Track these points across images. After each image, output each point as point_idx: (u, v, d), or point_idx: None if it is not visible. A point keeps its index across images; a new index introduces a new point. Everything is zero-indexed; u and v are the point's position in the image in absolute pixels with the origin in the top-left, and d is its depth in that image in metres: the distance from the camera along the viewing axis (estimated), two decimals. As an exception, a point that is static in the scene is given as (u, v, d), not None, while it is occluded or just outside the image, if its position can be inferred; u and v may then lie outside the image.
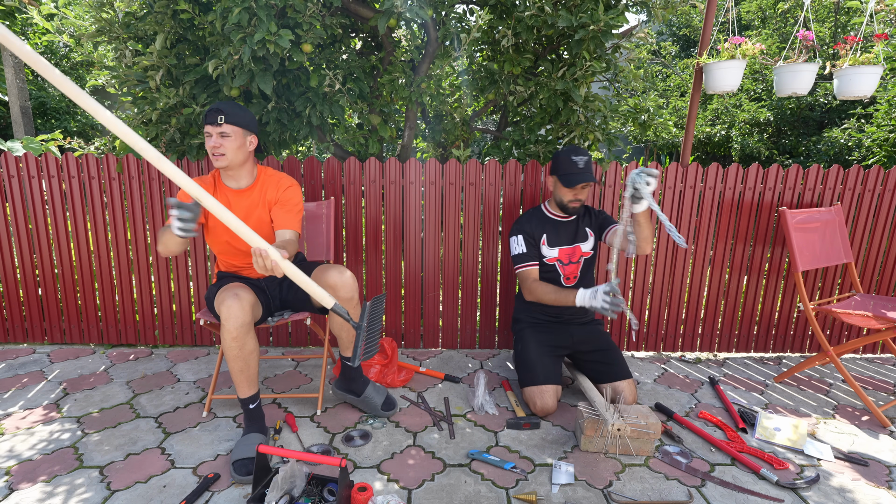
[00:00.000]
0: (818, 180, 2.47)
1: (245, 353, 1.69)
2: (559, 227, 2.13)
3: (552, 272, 2.12)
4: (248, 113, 1.80)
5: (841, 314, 2.12)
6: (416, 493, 1.57)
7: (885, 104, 5.20)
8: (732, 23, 3.83)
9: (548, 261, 2.11)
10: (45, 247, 2.47)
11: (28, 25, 7.29)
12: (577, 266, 2.13)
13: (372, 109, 2.52)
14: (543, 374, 2.00)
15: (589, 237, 2.14)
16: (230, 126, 1.76)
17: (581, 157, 1.99)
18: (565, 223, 2.13)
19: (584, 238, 2.14)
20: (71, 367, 2.35)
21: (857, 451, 1.85)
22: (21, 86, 4.92)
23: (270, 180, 1.91)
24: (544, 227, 2.12)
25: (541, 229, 2.12)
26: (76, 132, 7.94)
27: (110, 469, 1.65)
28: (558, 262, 2.11)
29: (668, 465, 1.74)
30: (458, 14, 2.36)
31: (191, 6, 2.07)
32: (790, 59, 2.27)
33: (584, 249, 2.13)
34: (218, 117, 1.74)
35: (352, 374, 1.99)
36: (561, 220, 2.13)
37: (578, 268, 2.13)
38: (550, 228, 2.12)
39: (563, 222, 2.13)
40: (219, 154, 1.77)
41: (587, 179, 1.97)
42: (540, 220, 2.13)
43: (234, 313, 1.66)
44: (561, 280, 2.12)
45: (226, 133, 1.76)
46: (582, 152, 2.00)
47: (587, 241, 2.14)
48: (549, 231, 2.12)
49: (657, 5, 2.40)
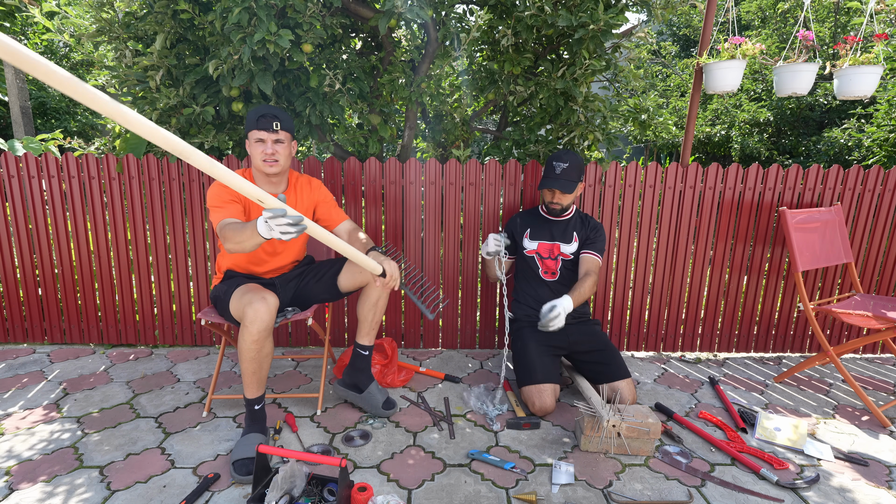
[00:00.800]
0: (818, 180, 2.47)
1: (262, 355, 1.69)
2: (547, 224, 2.22)
3: (531, 263, 2.22)
4: (291, 117, 1.82)
5: (841, 314, 2.12)
6: (416, 493, 1.57)
7: (885, 104, 5.20)
8: (732, 23, 3.84)
9: (527, 252, 2.22)
10: (45, 247, 2.47)
11: (28, 25, 7.29)
12: (556, 263, 2.19)
13: (372, 109, 2.52)
14: (542, 373, 2.00)
15: (573, 241, 2.19)
16: (284, 133, 1.76)
17: (561, 163, 2.06)
18: (555, 223, 2.21)
19: (568, 240, 2.20)
20: (71, 367, 2.35)
21: (857, 451, 1.85)
22: (21, 86, 4.92)
23: (300, 182, 1.95)
24: (531, 223, 2.24)
25: (526, 224, 2.24)
26: (76, 132, 7.94)
27: (110, 469, 1.65)
28: (537, 254, 2.20)
29: (668, 465, 1.74)
30: (458, 14, 2.36)
31: (191, 6, 2.07)
32: (790, 59, 2.27)
33: (564, 250, 2.19)
34: (273, 123, 1.73)
35: (359, 364, 2.00)
36: (552, 220, 2.22)
37: (557, 265, 2.19)
38: (537, 224, 2.23)
39: (553, 221, 2.22)
40: (272, 161, 1.76)
41: (551, 186, 2.06)
42: (530, 217, 2.26)
43: (260, 316, 1.64)
44: (539, 273, 2.21)
45: (281, 140, 1.76)
46: (566, 158, 2.06)
47: (570, 244, 2.19)
48: (534, 226, 2.23)
49: (657, 5, 2.40)
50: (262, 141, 1.75)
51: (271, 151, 1.75)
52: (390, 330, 2.62)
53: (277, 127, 1.74)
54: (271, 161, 1.77)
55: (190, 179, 2.40)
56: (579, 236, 2.19)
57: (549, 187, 2.07)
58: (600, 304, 2.61)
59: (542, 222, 2.23)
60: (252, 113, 1.76)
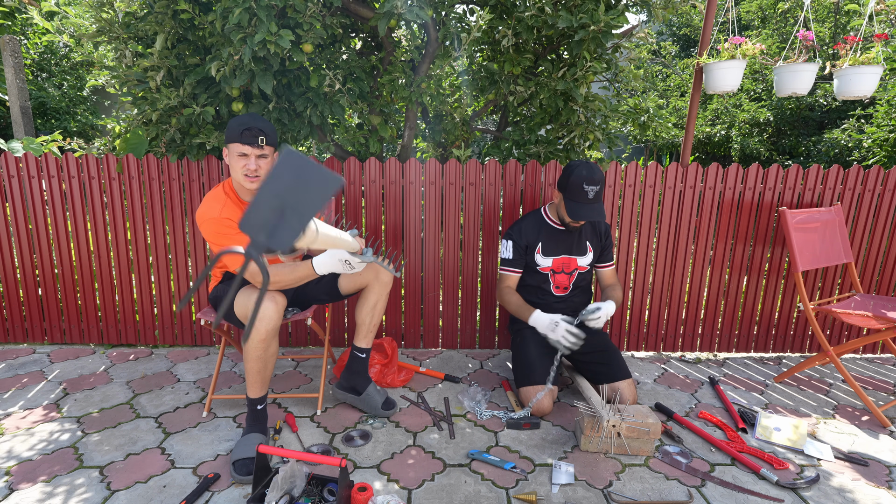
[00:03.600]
0: (818, 180, 2.47)
1: (267, 355, 1.69)
2: (558, 235, 2.06)
3: (543, 280, 2.09)
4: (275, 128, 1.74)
5: (841, 314, 2.12)
6: (416, 493, 1.57)
7: (885, 104, 5.20)
8: (732, 23, 3.84)
9: (540, 269, 2.07)
10: (45, 247, 2.47)
11: (28, 25, 7.28)
12: (570, 278, 2.10)
13: (372, 109, 2.52)
14: (540, 374, 2.00)
15: (588, 252, 2.07)
16: (269, 147, 1.68)
17: (593, 186, 1.84)
18: (568, 234, 2.06)
19: (583, 252, 2.07)
20: (71, 367, 2.35)
21: (857, 451, 1.85)
22: (21, 86, 4.92)
23: None
24: (540, 235, 2.05)
25: (536, 237, 2.05)
26: (76, 132, 7.93)
27: (110, 469, 1.65)
28: (551, 271, 2.08)
29: (668, 465, 1.74)
30: (458, 14, 2.36)
31: (191, 6, 2.07)
32: (790, 59, 2.27)
33: (580, 263, 2.07)
34: (259, 139, 1.63)
35: (356, 367, 2.00)
36: (563, 231, 2.06)
37: (571, 280, 2.10)
38: (548, 237, 2.05)
39: (565, 232, 2.06)
40: (254, 177, 1.67)
41: (595, 217, 1.83)
42: (537, 228, 2.06)
43: (269, 315, 1.63)
44: (550, 288, 2.10)
45: (265, 155, 1.68)
46: (595, 179, 1.84)
47: (585, 256, 2.07)
48: (545, 239, 2.05)
49: (657, 5, 2.40)
50: (246, 156, 1.65)
51: (254, 167, 1.65)
52: (390, 330, 2.62)
53: (263, 143, 1.65)
54: (253, 177, 1.67)
55: (190, 179, 2.40)
56: (593, 245, 2.07)
57: (592, 219, 1.83)
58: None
59: (554, 234, 2.05)
60: (234, 123, 1.64)
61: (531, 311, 1.94)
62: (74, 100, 8.07)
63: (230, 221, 1.68)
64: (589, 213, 1.85)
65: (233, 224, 1.69)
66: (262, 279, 1.59)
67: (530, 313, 1.93)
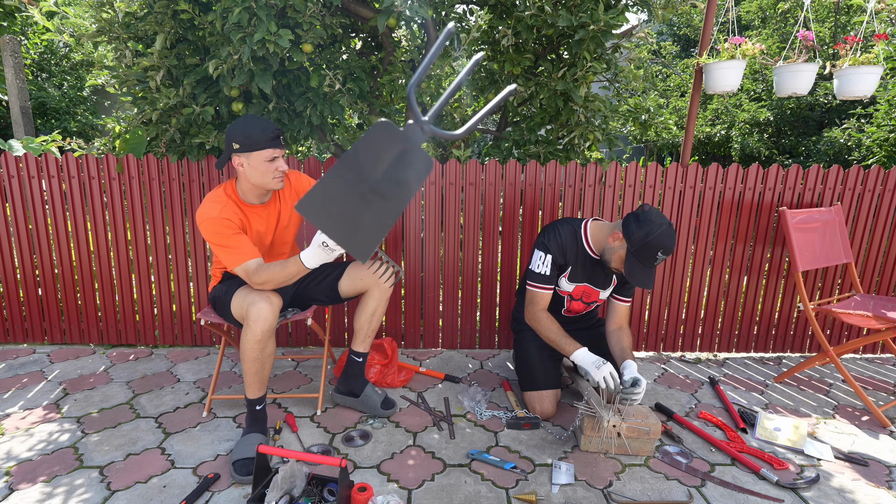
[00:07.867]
0: (818, 180, 2.47)
1: (264, 355, 1.69)
2: (590, 264, 1.94)
3: (557, 301, 2.04)
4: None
5: (841, 314, 2.12)
6: (416, 493, 1.57)
7: (885, 104, 5.20)
8: (732, 23, 3.84)
9: (560, 292, 2.01)
10: (45, 247, 2.47)
11: (28, 25, 7.28)
12: (586, 307, 2.07)
13: (372, 109, 2.52)
14: (543, 378, 2.00)
15: (611, 286, 2.01)
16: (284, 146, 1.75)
17: (666, 256, 1.71)
18: (601, 265, 1.92)
19: (608, 285, 2.00)
20: (71, 368, 2.35)
21: (857, 451, 1.85)
22: (21, 86, 4.91)
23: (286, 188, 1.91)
24: (577, 263, 1.94)
25: (572, 262, 1.94)
26: (76, 132, 7.93)
27: (110, 469, 1.65)
28: (569, 296, 2.02)
29: (668, 465, 1.74)
30: (458, 14, 2.36)
31: (191, 6, 2.07)
32: (790, 59, 2.27)
33: (601, 297, 2.03)
34: (281, 138, 1.69)
35: (353, 371, 1.99)
36: (595, 258, 1.92)
37: (587, 308, 2.08)
38: (580, 264, 1.94)
39: (598, 263, 1.93)
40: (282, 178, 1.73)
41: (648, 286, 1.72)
42: (574, 250, 1.93)
43: (263, 315, 1.63)
44: (562, 311, 2.07)
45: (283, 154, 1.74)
46: (671, 249, 1.70)
47: (607, 290, 2.02)
48: (578, 268, 1.94)
49: (657, 5, 2.40)
50: (275, 158, 1.69)
51: (284, 168, 1.72)
52: (390, 330, 2.62)
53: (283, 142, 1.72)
54: (281, 178, 1.73)
55: (190, 179, 2.40)
56: (618, 278, 1.99)
57: (642, 286, 1.72)
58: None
59: (588, 262, 1.93)
60: (257, 130, 1.63)
61: (576, 347, 1.81)
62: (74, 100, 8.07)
63: (229, 222, 1.69)
64: (644, 280, 1.72)
65: (232, 224, 1.70)
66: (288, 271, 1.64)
67: (575, 349, 1.81)
